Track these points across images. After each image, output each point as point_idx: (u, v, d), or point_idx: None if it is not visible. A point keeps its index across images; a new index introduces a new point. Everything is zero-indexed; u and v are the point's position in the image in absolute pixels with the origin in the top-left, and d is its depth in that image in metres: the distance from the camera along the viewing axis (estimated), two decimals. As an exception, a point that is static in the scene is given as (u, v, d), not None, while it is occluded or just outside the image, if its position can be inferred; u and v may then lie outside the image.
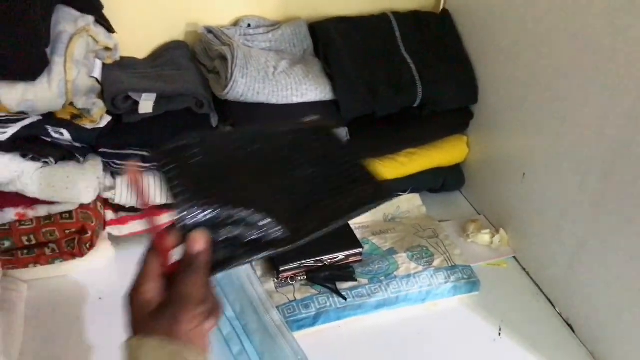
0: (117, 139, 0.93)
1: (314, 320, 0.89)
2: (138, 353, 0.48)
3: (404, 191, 1.18)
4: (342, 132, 1.05)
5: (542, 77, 0.93)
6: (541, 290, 1.00)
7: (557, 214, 0.93)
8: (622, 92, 0.76)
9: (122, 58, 1.03)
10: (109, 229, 0.97)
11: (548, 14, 0.89)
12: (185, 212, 0.53)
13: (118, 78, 0.95)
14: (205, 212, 0.54)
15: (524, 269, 1.05)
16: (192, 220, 0.54)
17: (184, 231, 0.53)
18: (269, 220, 0.57)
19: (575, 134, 0.87)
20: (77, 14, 0.90)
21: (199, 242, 0.53)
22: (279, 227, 0.57)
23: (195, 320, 0.50)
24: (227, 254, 0.55)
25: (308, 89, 1.01)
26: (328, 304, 0.91)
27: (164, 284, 0.52)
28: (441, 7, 1.22)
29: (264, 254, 0.57)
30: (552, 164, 0.93)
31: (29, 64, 0.80)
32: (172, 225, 0.53)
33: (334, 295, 0.92)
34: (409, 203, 1.18)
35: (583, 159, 0.86)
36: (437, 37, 1.16)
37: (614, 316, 0.84)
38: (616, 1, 0.76)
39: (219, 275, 0.84)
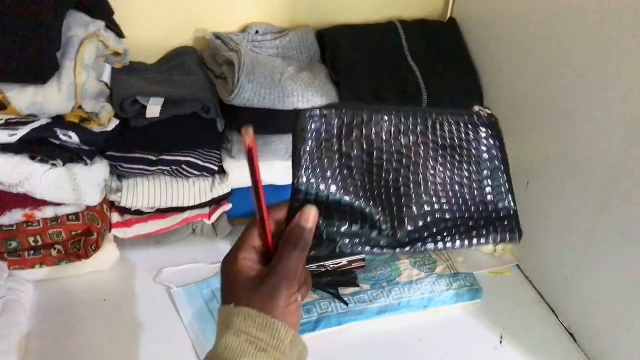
0: (124, 142, 0.94)
1: (315, 325, 0.89)
2: (232, 320, 0.49)
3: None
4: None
5: (547, 86, 0.93)
6: (543, 299, 1.00)
7: (559, 223, 0.94)
8: (626, 104, 0.77)
9: (131, 63, 1.05)
10: (114, 231, 0.99)
11: (555, 24, 0.89)
12: (305, 186, 0.53)
13: (126, 82, 0.97)
14: (323, 191, 0.53)
15: (527, 277, 1.05)
16: (309, 196, 0.53)
17: (298, 204, 0.53)
18: (380, 218, 0.55)
19: (579, 144, 0.87)
20: (88, 19, 0.91)
21: (312, 218, 0.52)
22: (388, 230, 0.55)
23: (293, 296, 0.50)
24: (330, 238, 0.54)
25: (314, 95, 1.01)
26: (329, 309, 0.92)
27: (260, 257, 0.53)
28: (448, 15, 1.23)
29: (365, 250, 0.55)
30: (556, 174, 0.93)
31: (40, 67, 0.81)
32: (286, 201, 0.54)
33: (336, 300, 0.93)
34: (413, 210, 1.18)
35: (586, 169, 0.86)
36: (444, 45, 1.16)
37: (615, 326, 0.84)
38: (621, 14, 0.76)
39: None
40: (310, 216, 0.52)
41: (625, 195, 0.79)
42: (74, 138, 0.87)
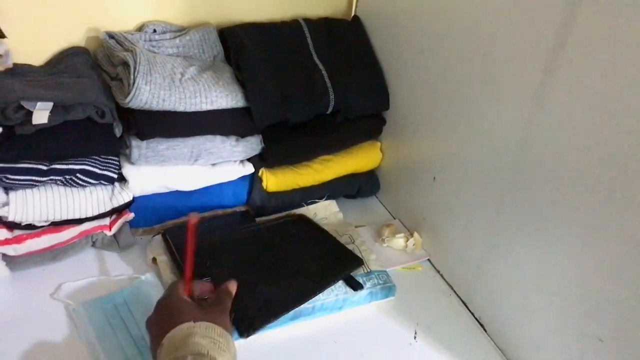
0: (9, 152, 0.86)
1: (229, 335, 0.86)
2: (195, 330, 0.68)
3: (321, 198, 1.17)
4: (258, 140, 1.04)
5: (450, 83, 0.95)
6: (454, 291, 1.02)
7: (465, 216, 0.96)
8: (523, 100, 0.79)
9: (15, 65, 0.96)
10: (3, 249, 0.90)
11: (455, 21, 0.91)
12: None
13: (9, 86, 0.88)
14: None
15: (438, 271, 1.07)
16: None
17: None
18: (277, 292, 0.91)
19: (481, 140, 0.89)
20: (-39, 17, 0.83)
21: (234, 288, 0.82)
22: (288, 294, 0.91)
23: (230, 322, 0.76)
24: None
25: (218, 95, 0.98)
26: (243, 316, 0.89)
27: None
28: (352, 13, 1.23)
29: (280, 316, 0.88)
30: (460, 168, 0.95)
31: None
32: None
33: (249, 308, 0.90)
34: (325, 210, 1.17)
35: (488, 164, 0.88)
36: (349, 43, 1.16)
37: (521, 314, 0.87)
38: (516, 13, 0.78)
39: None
40: (234, 287, 0.82)
41: (525, 190, 0.81)
42: (-51, 149, 0.79)
